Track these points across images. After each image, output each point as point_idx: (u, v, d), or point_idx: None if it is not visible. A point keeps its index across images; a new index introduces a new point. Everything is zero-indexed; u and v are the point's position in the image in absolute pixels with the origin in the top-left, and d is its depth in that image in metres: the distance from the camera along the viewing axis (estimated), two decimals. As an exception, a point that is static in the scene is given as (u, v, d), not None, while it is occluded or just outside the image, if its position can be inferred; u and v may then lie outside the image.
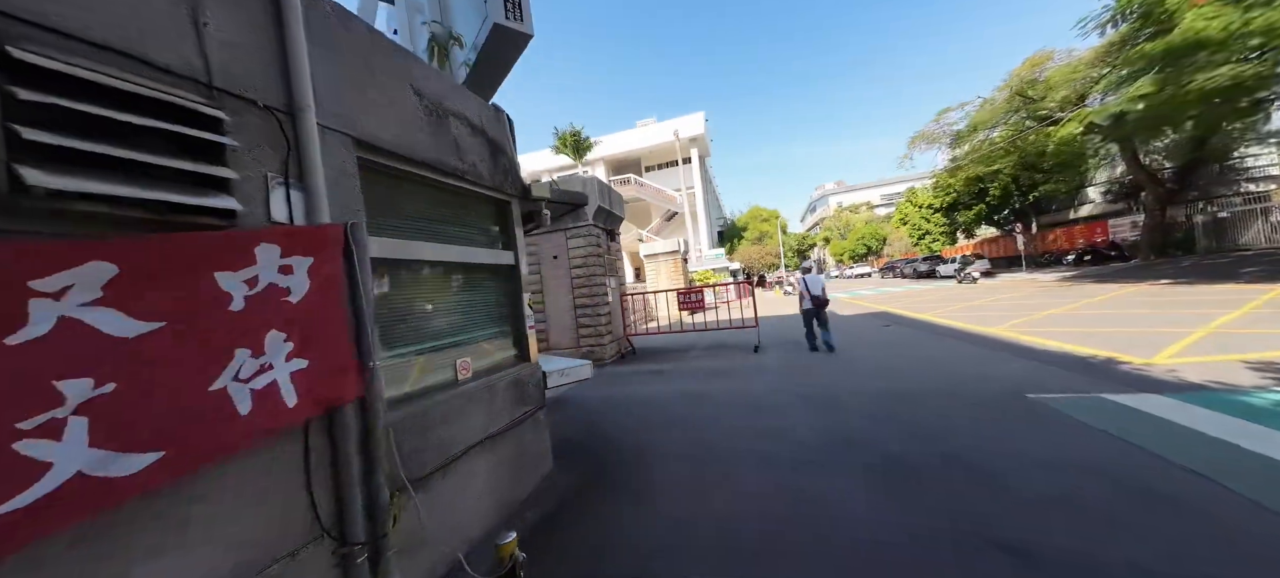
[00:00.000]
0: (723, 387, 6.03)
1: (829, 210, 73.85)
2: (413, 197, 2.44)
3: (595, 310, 8.96)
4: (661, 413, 5.10)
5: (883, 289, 23.20)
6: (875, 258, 52.26)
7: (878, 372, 6.07)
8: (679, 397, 5.75)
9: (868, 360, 6.83)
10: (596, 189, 8.97)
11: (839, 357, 7.32)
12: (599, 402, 5.94)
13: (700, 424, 4.59)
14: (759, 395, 5.42)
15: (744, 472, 3.34)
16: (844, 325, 11.08)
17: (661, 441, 4.19)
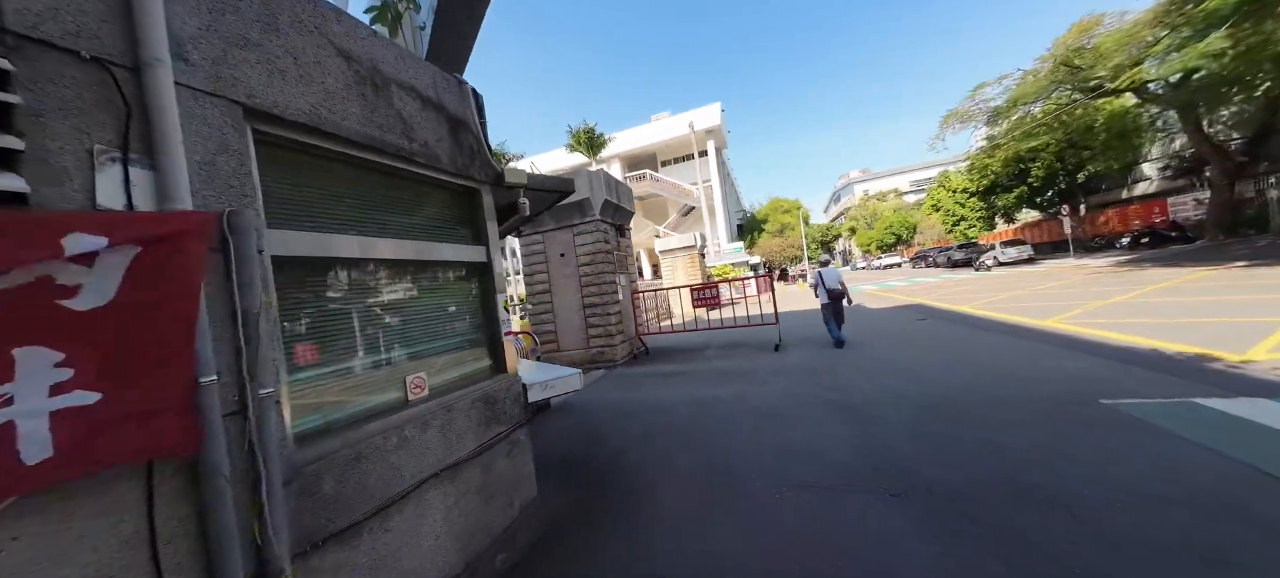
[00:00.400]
0: (739, 391, 5.49)
1: (854, 199, 71.43)
2: (342, 182, 2.04)
3: (604, 310, 8.54)
4: (671, 422, 4.62)
5: (915, 280, 21.98)
6: (905, 247, 50.10)
7: (915, 373, 5.41)
8: (691, 403, 5.25)
9: (902, 360, 6.15)
10: (603, 183, 8.53)
11: (868, 355, 6.66)
12: (604, 408, 5.51)
13: (713, 437, 4.09)
14: (779, 402, 4.87)
15: (762, 501, 2.83)
16: (873, 320, 10.31)
17: (669, 457, 3.72)
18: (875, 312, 11.86)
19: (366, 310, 2.09)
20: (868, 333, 8.64)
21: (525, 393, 2.82)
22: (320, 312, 1.91)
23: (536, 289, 9.07)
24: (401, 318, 2.26)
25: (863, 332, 8.83)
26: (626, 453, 3.88)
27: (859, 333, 8.71)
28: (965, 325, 8.25)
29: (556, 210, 8.63)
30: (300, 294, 1.83)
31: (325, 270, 1.95)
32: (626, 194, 9.85)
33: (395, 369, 2.16)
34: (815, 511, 2.65)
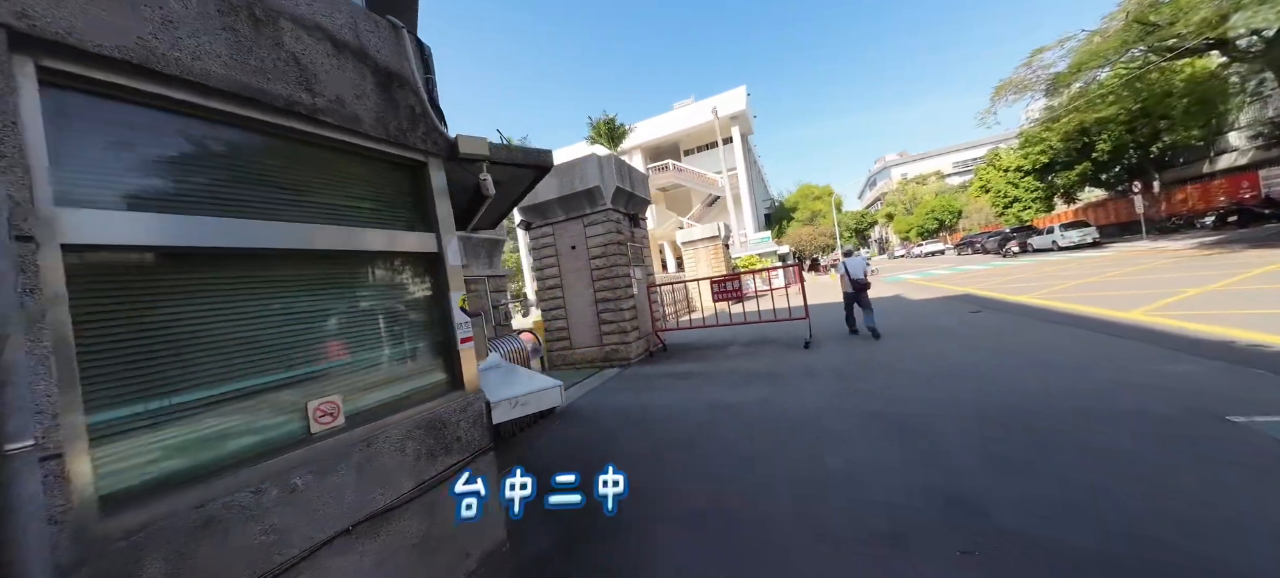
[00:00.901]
0: (764, 396, 4.81)
1: (891, 184, 67.91)
2: (202, 147, 1.53)
3: (618, 305, 7.98)
4: (683, 437, 4.01)
5: (961, 267, 20.32)
6: (948, 233, 47.15)
7: (975, 377, 4.57)
8: (708, 411, 4.62)
9: (956, 359, 5.29)
10: (614, 169, 7.94)
11: (914, 353, 5.81)
12: (612, 415, 4.96)
13: (731, 460, 3.46)
14: (811, 412, 4.17)
15: (788, 553, 2.21)
16: (918, 313, 9.30)
17: (676, 487, 3.12)
18: (919, 304, 10.78)
19: (244, 317, 1.59)
20: (912, 327, 7.72)
21: (489, 412, 2.29)
22: (166, 322, 1.41)
23: (547, 284, 8.61)
24: (306, 325, 1.76)
25: (906, 326, 7.91)
26: (628, 479, 3.31)
27: (902, 327, 7.80)
28: (1029, 318, 7.21)
29: (565, 200, 8.13)
30: (129, 298, 1.34)
31: (176, 265, 1.45)
32: (641, 182, 9.23)
33: (291, 394, 1.65)
34: (865, 573, 2.00)
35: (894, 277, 20.61)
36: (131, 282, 1.34)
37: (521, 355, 4.96)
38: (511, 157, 2.57)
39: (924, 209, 46.93)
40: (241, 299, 1.59)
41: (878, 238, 68.00)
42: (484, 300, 5.00)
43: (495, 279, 5.13)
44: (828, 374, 5.36)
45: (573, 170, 8.01)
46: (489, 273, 5.15)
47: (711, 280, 8.26)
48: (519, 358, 4.92)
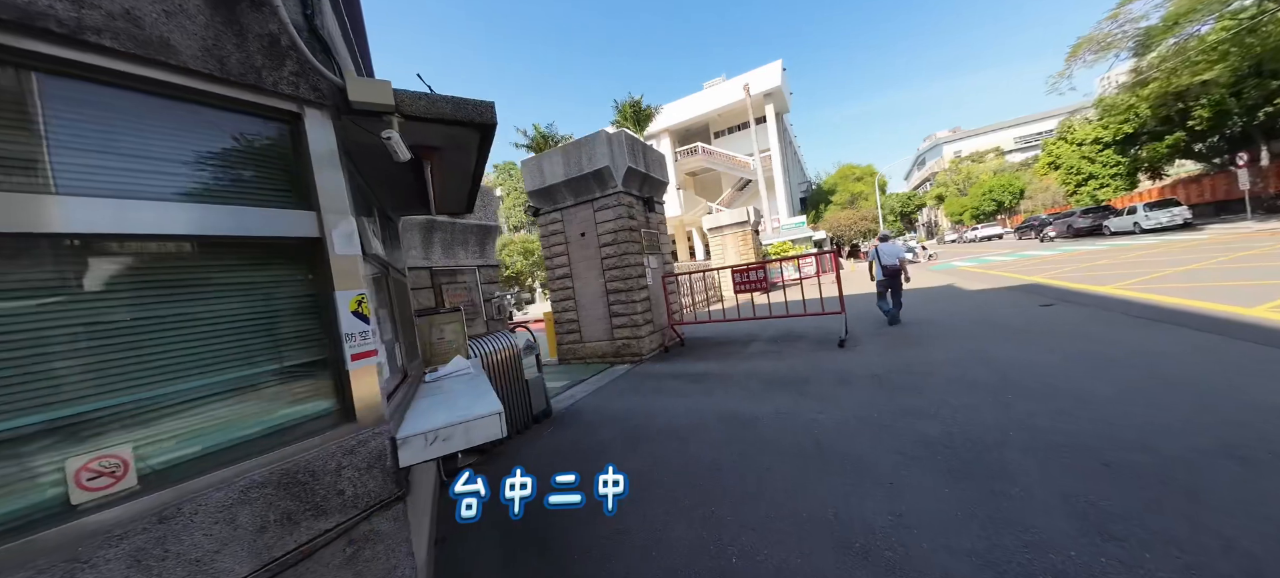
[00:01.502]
0: (788, 409, 4.06)
1: (942, 162, 63.32)
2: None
3: (629, 296, 7.33)
4: (684, 463, 3.35)
5: (1025, 253, 18.29)
6: (1007, 215, 43.40)
7: (1053, 391, 3.63)
8: (719, 425, 3.93)
9: (1027, 369, 4.32)
10: (625, 147, 7.23)
11: (974, 356, 4.85)
12: (609, 423, 4.36)
13: (739, 500, 2.77)
14: (845, 433, 3.40)
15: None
16: (974, 305, 8.13)
17: (661, 537, 2.48)
18: (976, 295, 9.52)
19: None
20: (969, 323, 6.65)
21: (394, 452, 1.71)
22: None
23: (557, 274, 8.08)
24: (80, 343, 1.21)
25: (962, 321, 6.84)
26: (607, 516, 2.70)
27: (957, 323, 6.75)
28: (1119, 314, 6.00)
29: (573, 183, 7.51)
30: None
31: None
32: (657, 162, 8.46)
33: (42, 446, 1.11)
34: None
35: (944, 264, 18.87)
36: None
37: (511, 353, 4.43)
38: (432, 109, 1.95)
39: (980, 189, 43.32)
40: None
41: (926, 221, 63.69)
42: (473, 293, 4.47)
43: (487, 269, 4.58)
44: (866, 382, 4.52)
45: (580, 150, 7.36)
46: (480, 262, 4.62)
47: (732, 269, 7.45)
48: (508, 356, 4.39)
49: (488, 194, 4.93)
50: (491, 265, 4.96)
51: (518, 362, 4.51)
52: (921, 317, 7.76)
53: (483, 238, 4.78)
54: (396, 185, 2.66)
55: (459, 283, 4.57)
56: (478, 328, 4.68)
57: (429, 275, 4.25)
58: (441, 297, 4.31)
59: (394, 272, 2.90)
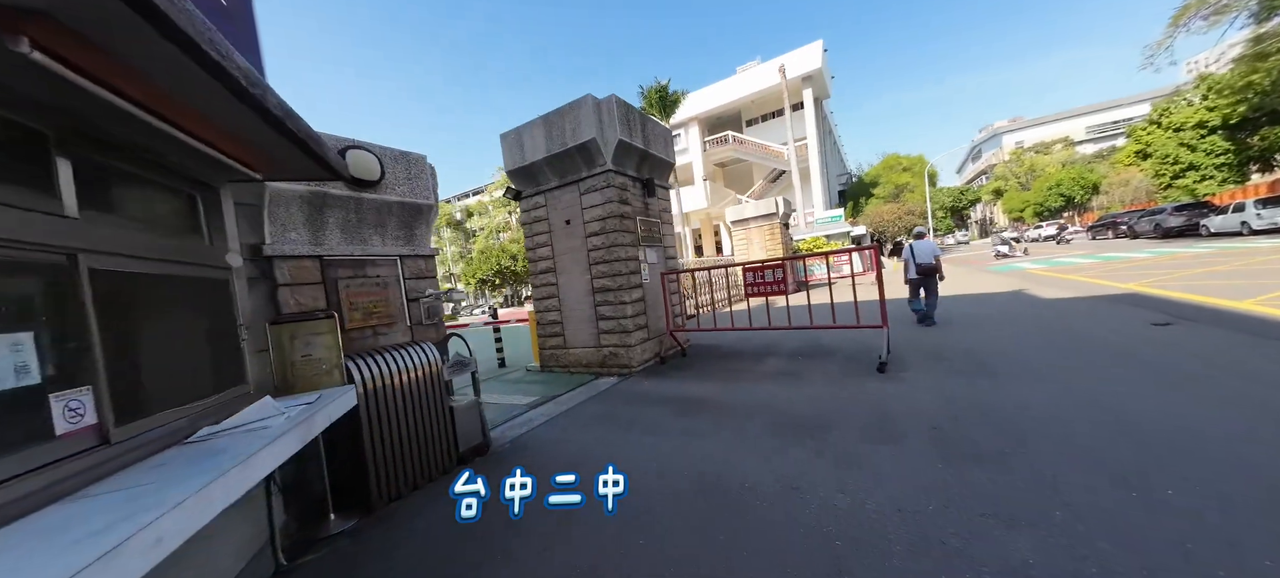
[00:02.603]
0: (797, 475, 2.75)
1: (1001, 154, 58.07)
2: None
3: (618, 296, 6.13)
4: (622, 569, 2.13)
5: (1107, 255, 15.68)
6: (1077, 212, 39.00)
7: (1214, 460, 2.13)
8: (695, 495, 2.68)
9: (1160, 418, 2.79)
10: (616, 116, 5.99)
11: (1075, 399, 3.33)
12: (558, 460, 3.19)
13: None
14: (879, 540, 2.07)
15: None
16: (1058, 320, 6.39)
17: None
18: (1057, 305, 7.69)
19: None
20: (1059, 344, 5.03)
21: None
22: None
23: (539, 268, 6.98)
24: None
25: (1047, 341, 5.22)
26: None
27: (1042, 343, 5.14)
28: (1276, 340, 4.25)
29: (556, 160, 6.36)
30: None
31: None
32: (660, 138, 7.17)
33: None
34: None
35: (1008, 265, 16.50)
36: None
37: (425, 372, 3.35)
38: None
39: (1046, 183, 39.04)
40: None
41: (980, 218, 58.72)
42: (389, 291, 3.41)
43: (415, 261, 3.50)
44: (919, 438, 3.12)
45: (563, 120, 6.19)
46: (406, 252, 3.55)
47: (744, 267, 6.08)
48: (420, 377, 3.31)
49: (419, 165, 3.85)
50: (423, 255, 3.89)
51: (435, 384, 3.42)
52: (989, 331, 6.13)
53: (409, 220, 3.71)
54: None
55: (370, 279, 3.52)
56: (397, 336, 3.63)
57: (318, 267, 3.23)
58: (336, 296, 3.28)
59: (111, 257, 1.84)
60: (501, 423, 4.57)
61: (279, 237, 3.05)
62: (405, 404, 3.20)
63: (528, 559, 2.26)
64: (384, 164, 3.60)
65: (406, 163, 3.79)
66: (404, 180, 3.75)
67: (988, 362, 4.72)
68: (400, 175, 3.73)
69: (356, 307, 3.40)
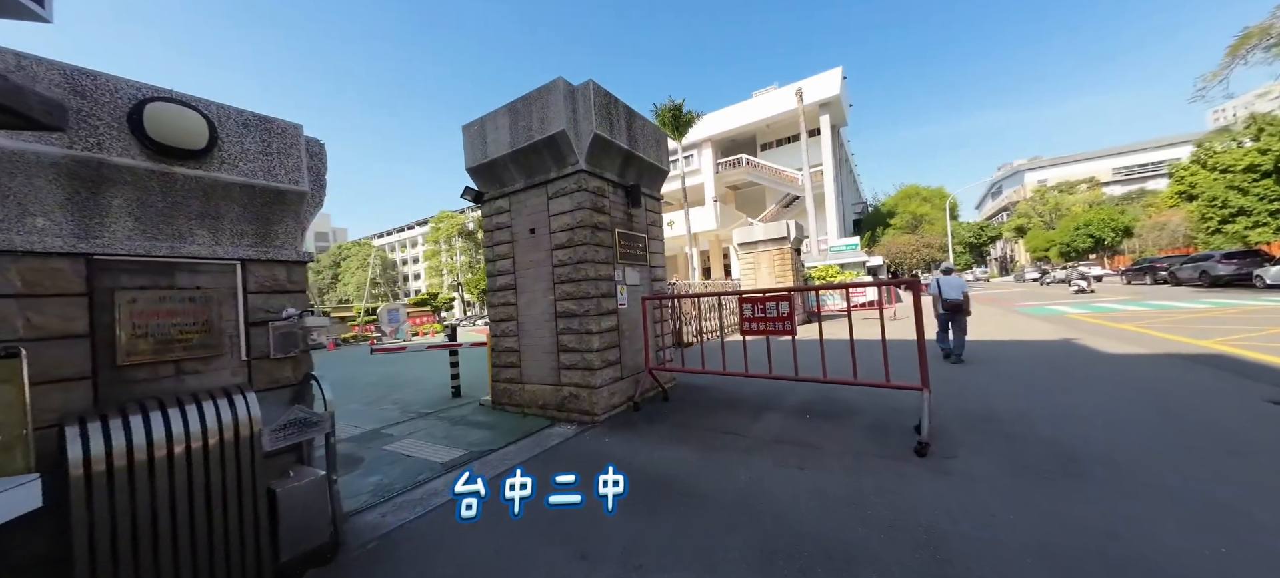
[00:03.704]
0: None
1: (1022, 191, 56.35)
2: None
3: (584, 325, 4.97)
4: None
5: (1156, 302, 14.10)
6: (1105, 255, 37.05)
7: None
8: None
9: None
10: (591, 104, 4.93)
11: (1194, 516, 2.04)
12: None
13: None
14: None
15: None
16: (1135, 386, 5.00)
17: None
18: (1125, 365, 6.30)
19: None
20: (1153, 431, 3.68)
21: None
22: None
23: (498, 285, 5.87)
24: None
25: (1134, 418, 3.87)
26: None
27: (1129, 422, 3.80)
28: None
29: (521, 156, 5.32)
30: None
31: None
32: (649, 139, 6.10)
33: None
34: None
35: (1038, 307, 15.00)
36: None
37: (237, 435, 2.22)
38: None
39: (1073, 223, 37.24)
40: None
41: (1000, 255, 56.64)
42: (211, 310, 2.28)
43: (269, 269, 2.34)
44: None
45: (530, 108, 5.16)
46: (253, 255, 2.42)
47: (740, 297, 4.86)
48: (220, 443, 2.19)
49: (287, 137, 2.78)
50: (284, 261, 2.80)
51: (244, 455, 2.27)
52: (1050, 395, 4.81)
53: (264, 211, 2.62)
54: None
55: (179, 292, 2.44)
56: (217, 377, 2.51)
57: (81, 271, 2.16)
58: (111, 316, 2.20)
59: None
60: (396, 495, 3.38)
61: (8, 223, 1.98)
62: (178, 493, 2.04)
63: None
64: (219, 128, 2.54)
65: (264, 132, 2.74)
66: (258, 155, 2.69)
67: (1070, 448, 3.42)
68: (252, 147, 2.67)
69: (146, 333, 2.29)
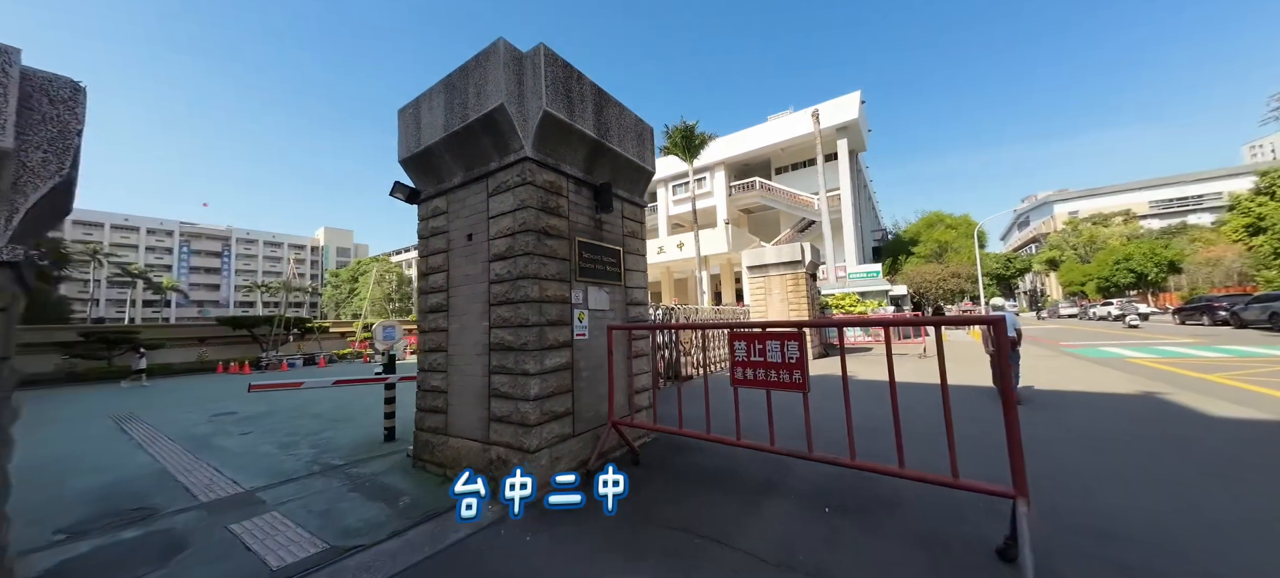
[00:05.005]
0: None
1: (1052, 223, 53.88)
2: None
3: (521, 362, 3.68)
4: None
5: (1227, 347, 12.16)
6: (1149, 292, 34.48)
7: None
8: None
9: None
10: (542, 74, 3.77)
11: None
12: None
13: None
14: None
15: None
16: (1264, 465, 3.42)
17: None
18: (1250, 435, 4.71)
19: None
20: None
21: None
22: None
23: (429, 305, 4.65)
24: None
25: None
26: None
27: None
28: None
29: (457, 143, 4.18)
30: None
31: None
32: (628, 131, 4.91)
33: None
34: None
35: (1094, 348, 13.16)
36: None
37: None
38: None
39: (1111, 256, 34.88)
40: None
41: (1030, 289, 53.80)
42: None
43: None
44: None
45: (467, 80, 4.04)
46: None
47: (732, 332, 3.50)
48: None
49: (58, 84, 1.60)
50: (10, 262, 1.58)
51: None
52: (1193, 498, 3.29)
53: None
54: None
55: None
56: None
57: None
58: None
59: None
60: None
61: None
62: None
63: None
64: None
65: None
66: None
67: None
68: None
69: None
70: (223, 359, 22.74)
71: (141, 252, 66.39)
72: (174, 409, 9.15)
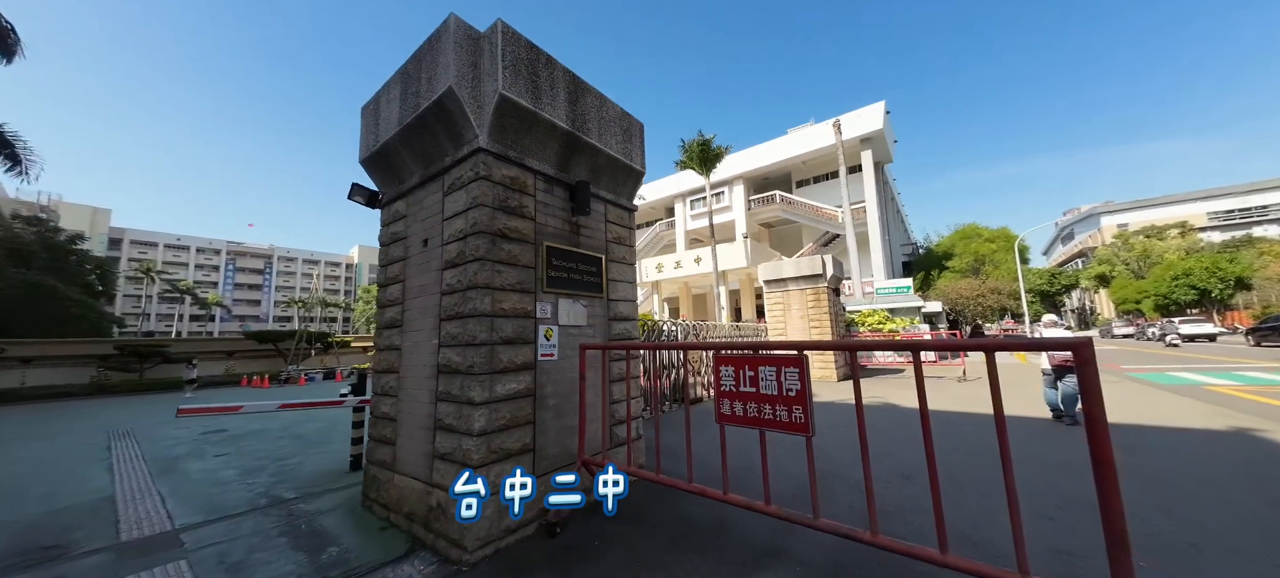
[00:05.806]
0: None
1: (1100, 236, 50.39)
2: None
3: (467, 388, 3.09)
4: None
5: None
6: (1214, 309, 31.45)
7: None
8: None
9: None
10: (497, 55, 3.26)
11: None
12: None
13: None
14: None
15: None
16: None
17: None
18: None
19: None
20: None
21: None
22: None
23: (385, 319, 4.15)
24: None
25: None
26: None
27: None
28: None
29: (412, 138, 3.72)
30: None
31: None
32: (611, 124, 4.36)
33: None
34: None
35: (1164, 374, 11.63)
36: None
37: None
38: None
39: (1169, 272, 32.04)
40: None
41: (1078, 305, 50.13)
42: None
43: None
44: None
45: (419, 66, 3.58)
46: None
47: (718, 355, 2.79)
48: None
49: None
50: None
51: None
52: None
53: None
54: None
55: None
56: None
57: None
58: None
59: None
60: None
61: None
62: None
63: None
64: None
65: None
66: None
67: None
68: None
69: None
70: (248, 373, 23.26)
71: (191, 269, 70.36)
72: (171, 426, 9.01)
